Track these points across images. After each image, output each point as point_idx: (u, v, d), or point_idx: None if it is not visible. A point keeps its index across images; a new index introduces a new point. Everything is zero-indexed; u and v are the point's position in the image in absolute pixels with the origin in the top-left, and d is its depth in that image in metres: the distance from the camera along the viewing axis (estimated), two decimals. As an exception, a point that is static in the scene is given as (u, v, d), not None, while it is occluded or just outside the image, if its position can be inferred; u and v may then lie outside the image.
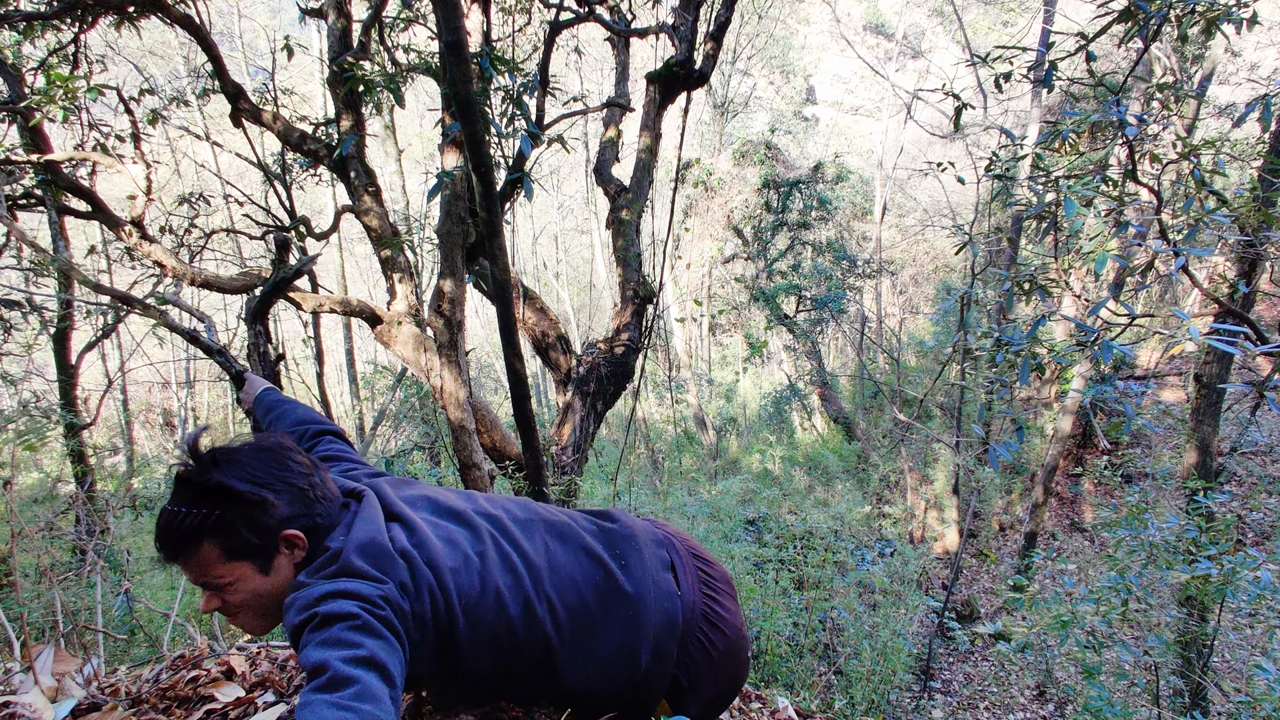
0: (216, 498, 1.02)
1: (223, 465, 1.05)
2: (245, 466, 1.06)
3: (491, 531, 1.20)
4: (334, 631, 0.90)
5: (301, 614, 0.94)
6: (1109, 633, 3.67)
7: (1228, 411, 9.68)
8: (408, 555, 1.06)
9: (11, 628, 1.46)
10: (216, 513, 1.01)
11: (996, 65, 3.17)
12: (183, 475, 1.04)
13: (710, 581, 1.32)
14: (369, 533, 1.07)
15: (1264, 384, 3.75)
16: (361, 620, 0.92)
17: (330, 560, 1.03)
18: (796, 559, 6.51)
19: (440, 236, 4.28)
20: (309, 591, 0.97)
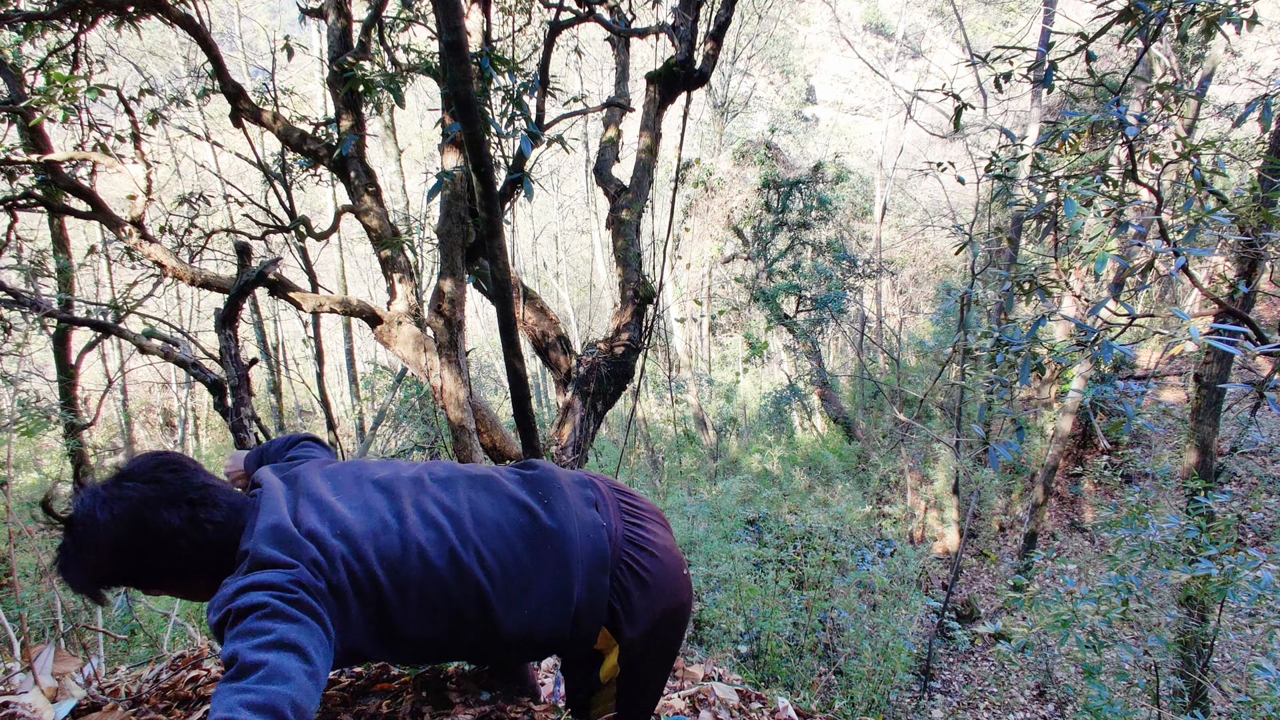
0: (78, 544, 1.03)
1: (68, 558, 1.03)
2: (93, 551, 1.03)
3: (412, 492, 1.20)
4: (245, 623, 0.92)
5: (217, 613, 0.96)
6: (1109, 633, 3.67)
7: (1228, 411, 9.68)
8: (315, 534, 1.07)
9: (11, 628, 1.46)
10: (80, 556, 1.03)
11: (996, 65, 3.17)
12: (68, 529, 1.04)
13: (635, 510, 1.34)
14: (270, 520, 1.07)
15: (1264, 384, 3.75)
16: (271, 607, 0.93)
17: (240, 558, 1.04)
18: (796, 559, 6.51)
19: (440, 236, 4.28)
20: (223, 591, 0.99)
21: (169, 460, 1.13)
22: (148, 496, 1.05)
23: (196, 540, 1.07)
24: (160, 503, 1.06)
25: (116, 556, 1.03)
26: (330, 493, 1.17)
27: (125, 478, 1.07)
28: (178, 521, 1.06)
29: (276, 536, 1.04)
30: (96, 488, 1.05)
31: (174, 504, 1.07)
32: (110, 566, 1.04)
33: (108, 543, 1.02)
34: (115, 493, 1.04)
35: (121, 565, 1.04)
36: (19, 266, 5.84)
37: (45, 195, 4.12)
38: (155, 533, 1.04)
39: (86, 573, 1.03)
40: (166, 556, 1.06)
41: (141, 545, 1.04)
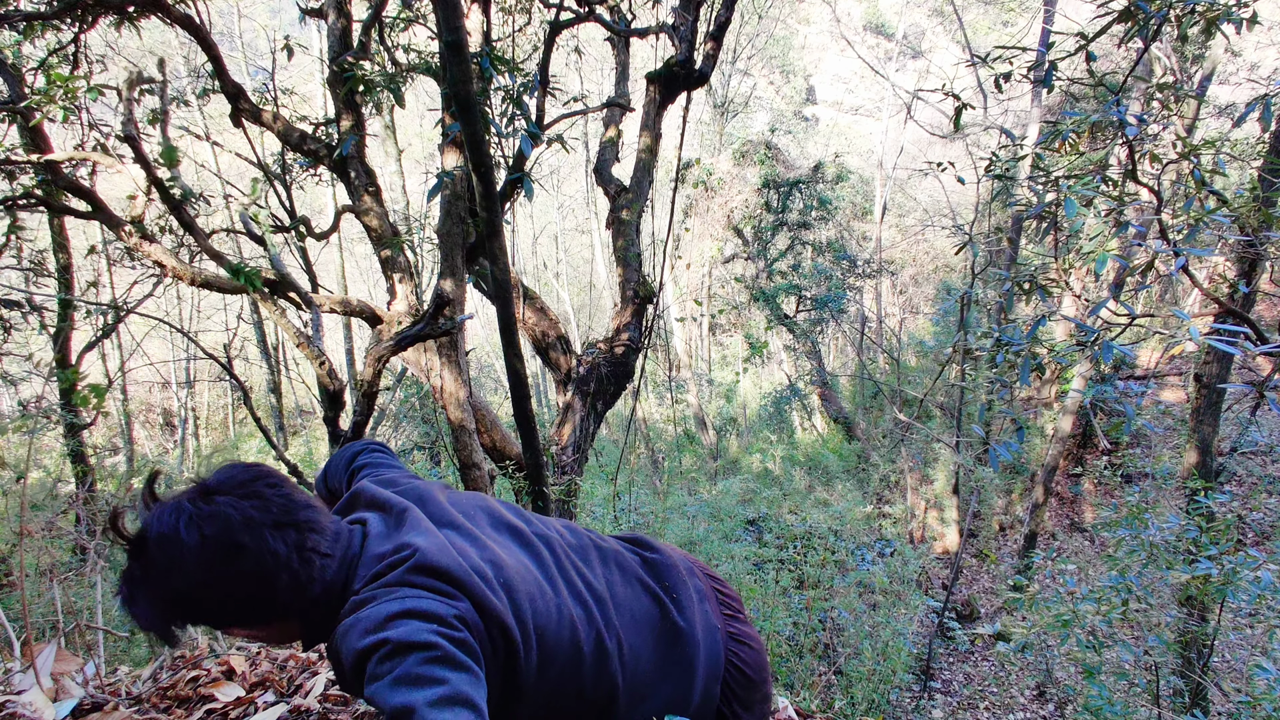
0: (140, 579, 0.85)
1: (137, 588, 0.85)
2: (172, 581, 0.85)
3: (553, 556, 1.06)
4: (410, 666, 0.77)
5: (366, 638, 0.80)
6: (1109, 633, 3.67)
7: (1228, 411, 9.68)
8: (479, 570, 0.91)
9: (12, 628, 1.46)
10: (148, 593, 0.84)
11: (996, 65, 3.17)
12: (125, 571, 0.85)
13: (728, 600, 1.26)
14: (434, 544, 0.92)
15: (1264, 384, 3.75)
16: (440, 650, 0.79)
17: (396, 566, 0.88)
18: (796, 559, 6.51)
19: (440, 236, 4.28)
20: (374, 611, 0.82)
21: (268, 474, 0.93)
22: (249, 517, 0.86)
23: (302, 575, 0.88)
24: (264, 525, 0.86)
25: (201, 589, 0.84)
26: (476, 527, 1.02)
27: (215, 491, 0.88)
28: (283, 550, 0.86)
29: (440, 563, 0.88)
30: (180, 501, 0.86)
31: (280, 528, 0.88)
32: (191, 600, 0.85)
33: (193, 571, 0.83)
34: (205, 509, 0.85)
35: (205, 599, 0.85)
36: (20, 267, 5.84)
37: (45, 195, 4.13)
38: (254, 562, 0.85)
39: (160, 607, 0.84)
40: (263, 591, 0.86)
41: (234, 576, 0.84)
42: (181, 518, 0.84)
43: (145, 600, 0.84)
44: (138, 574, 0.84)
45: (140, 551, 0.84)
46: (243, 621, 0.90)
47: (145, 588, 0.84)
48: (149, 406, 18.23)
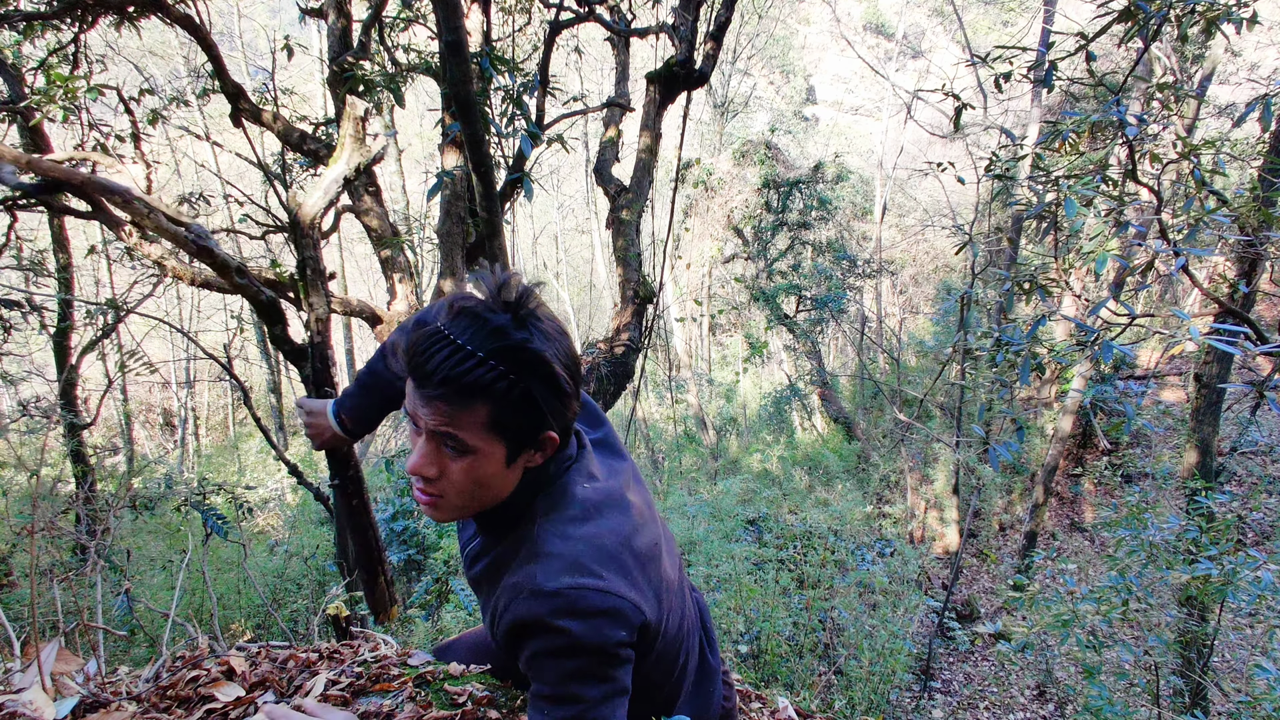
0: (526, 367, 0.83)
1: (535, 334, 0.83)
2: (554, 343, 0.85)
3: (679, 567, 1.08)
4: (586, 665, 0.81)
5: (560, 619, 0.81)
6: (1109, 632, 3.67)
7: (1228, 411, 9.68)
8: (658, 588, 0.93)
9: (11, 628, 1.46)
10: (518, 382, 0.82)
11: (996, 65, 3.17)
12: (493, 321, 0.82)
13: (715, 639, 1.33)
14: (639, 544, 0.91)
15: (1264, 384, 3.75)
16: (618, 684, 0.84)
17: (609, 539, 0.87)
18: (796, 559, 6.51)
19: (440, 236, 4.28)
20: (576, 590, 0.82)
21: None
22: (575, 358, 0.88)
23: (564, 425, 0.89)
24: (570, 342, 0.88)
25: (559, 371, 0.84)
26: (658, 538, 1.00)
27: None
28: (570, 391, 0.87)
29: (638, 569, 0.89)
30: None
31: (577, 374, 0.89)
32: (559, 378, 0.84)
33: (553, 358, 0.84)
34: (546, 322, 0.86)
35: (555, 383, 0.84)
36: (20, 267, 5.85)
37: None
38: (576, 364, 0.88)
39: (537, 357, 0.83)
40: (541, 422, 0.86)
41: (560, 387, 0.85)
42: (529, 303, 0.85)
43: (517, 359, 0.83)
44: (532, 330, 0.84)
45: (514, 311, 0.84)
46: (558, 415, 0.87)
47: (543, 351, 0.83)
48: (149, 406, 18.24)
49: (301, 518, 9.91)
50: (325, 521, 8.62)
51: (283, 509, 10.63)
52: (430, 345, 0.82)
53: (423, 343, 0.82)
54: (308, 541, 8.00)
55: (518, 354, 0.82)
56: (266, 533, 9.57)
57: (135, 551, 6.25)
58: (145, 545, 6.74)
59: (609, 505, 0.93)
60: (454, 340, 0.81)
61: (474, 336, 0.81)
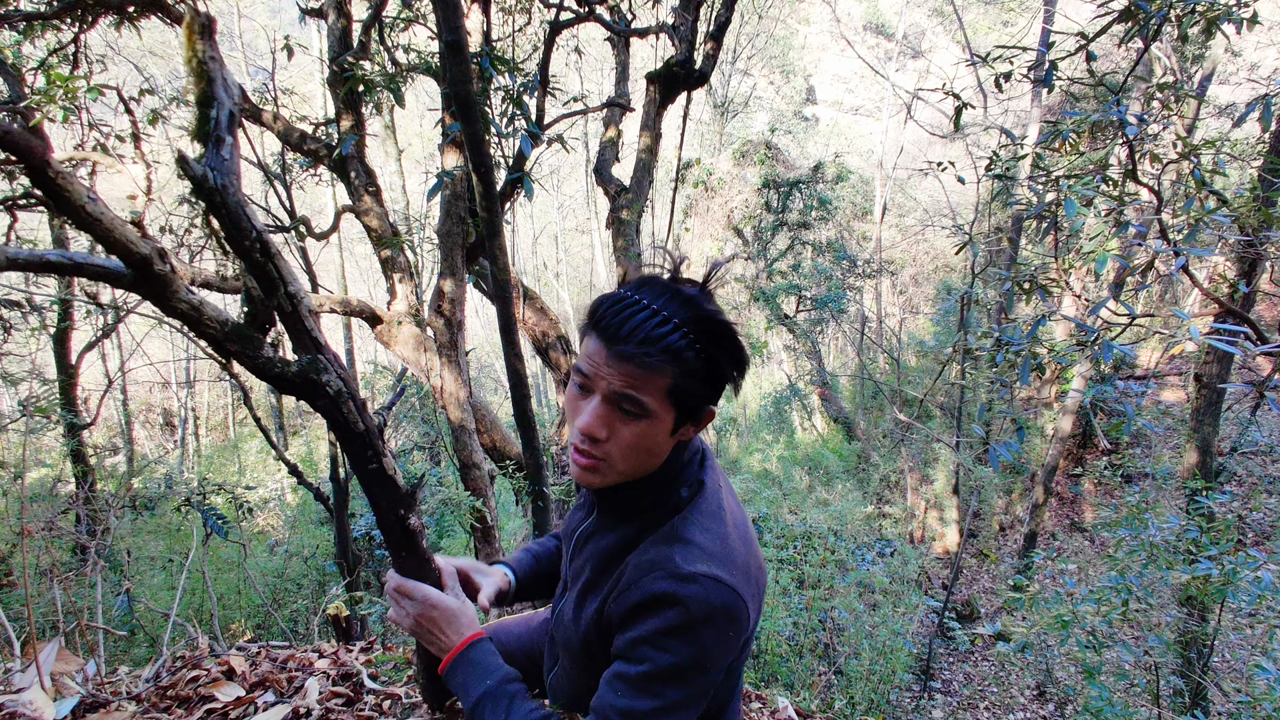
0: (715, 337, 0.86)
1: (720, 309, 0.89)
2: (728, 322, 0.89)
3: None
4: (682, 665, 0.82)
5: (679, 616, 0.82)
6: (1109, 633, 3.67)
7: (1228, 411, 9.68)
8: (759, 611, 0.95)
9: (11, 627, 1.46)
10: (704, 352, 0.86)
11: (996, 65, 3.17)
12: (685, 291, 0.87)
13: None
14: (755, 563, 0.93)
15: (1264, 384, 3.75)
16: (691, 694, 0.85)
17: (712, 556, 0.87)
18: (796, 559, 6.51)
19: (440, 236, 4.28)
20: (714, 590, 0.83)
21: None
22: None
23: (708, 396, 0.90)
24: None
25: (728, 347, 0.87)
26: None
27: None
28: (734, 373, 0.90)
29: (756, 594, 0.91)
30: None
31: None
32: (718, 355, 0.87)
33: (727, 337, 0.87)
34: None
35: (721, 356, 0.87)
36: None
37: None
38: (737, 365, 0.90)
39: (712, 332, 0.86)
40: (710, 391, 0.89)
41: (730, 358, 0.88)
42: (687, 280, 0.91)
43: (724, 340, 0.87)
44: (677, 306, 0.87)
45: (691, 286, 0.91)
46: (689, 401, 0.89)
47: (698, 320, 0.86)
48: (149, 406, 18.23)
49: (301, 518, 9.91)
50: (325, 521, 8.62)
51: (283, 509, 10.63)
52: (627, 308, 0.85)
53: (618, 305, 0.86)
54: (308, 541, 8.00)
55: (710, 324, 0.86)
56: (266, 533, 9.57)
57: (135, 551, 6.25)
58: (145, 545, 6.74)
59: (740, 519, 0.96)
60: (650, 305, 0.85)
61: (668, 303, 0.85)
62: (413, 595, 1.03)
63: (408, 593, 1.04)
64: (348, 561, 6.34)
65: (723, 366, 0.88)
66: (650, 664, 0.83)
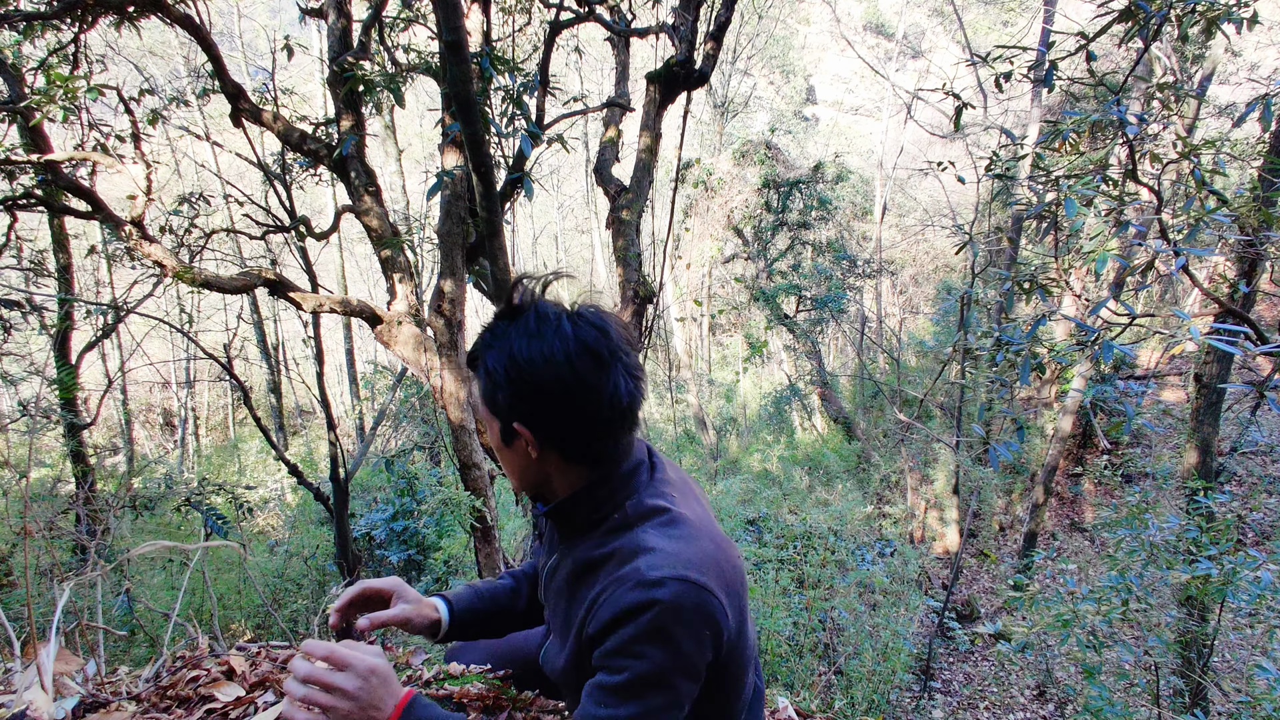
0: (485, 339, 0.93)
1: (521, 325, 0.91)
2: (534, 339, 0.89)
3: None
4: (664, 671, 0.83)
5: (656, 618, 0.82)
6: (1109, 632, 3.67)
7: (1228, 411, 9.68)
8: (740, 609, 0.95)
9: (11, 628, 1.46)
10: (479, 351, 0.93)
11: (996, 65, 3.17)
12: (500, 311, 0.94)
13: None
14: (727, 562, 0.93)
15: (1264, 384, 3.75)
16: (674, 698, 0.85)
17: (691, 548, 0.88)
18: (796, 559, 6.51)
19: (440, 236, 4.28)
20: (684, 591, 0.83)
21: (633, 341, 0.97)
22: (618, 350, 0.90)
23: (618, 428, 0.92)
24: (623, 365, 0.91)
25: (545, 368, 0.87)
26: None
27: (597, 319, 0.92)
28: (624, 393, 0.90)
29: (731, 591, 0.91)
30: (569, 308, 0.94)
31: (633, 378, 0.92)
32: (529, 375, 0.88)
33: (548, 353, 0.87)
34: (592, 321, 0.91)
35: (542, 382, 0.88)
36: (20, 267, 5.84)
37: (45, 195, 4.13)
38: (600, 380, 0.88)
39: (503, 366, 0.89)
40: (584, 410, 0.89)
41: (575, 380, 0.88)
42: (567, 313, 0.91)
43: (495, 356, 0.91)
44: (501, 331, 0.92)
45: (517, 315, 0.92)
46: (544, 429, 0.92)
47: (500, 344, 0.90)
48: (149, 406, 18.23)
49: (301, 518, 9.91)
50: (325, 521, 8.62)
51: (283, 509, 10.63)
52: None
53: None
54: (308, 541, 8.00)
55: (480, 338, 0.95)
56: (266, 533, 9.57)
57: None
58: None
59: (703, 519, 0.97)
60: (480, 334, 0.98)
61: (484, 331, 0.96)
62: (349, 664, 0.88)
63: (341, 662, 0.88)
64: (348, 561, 6.34)
65: (506, 383, 0.90)
66: (629, 672, 0.83)
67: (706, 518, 0.98)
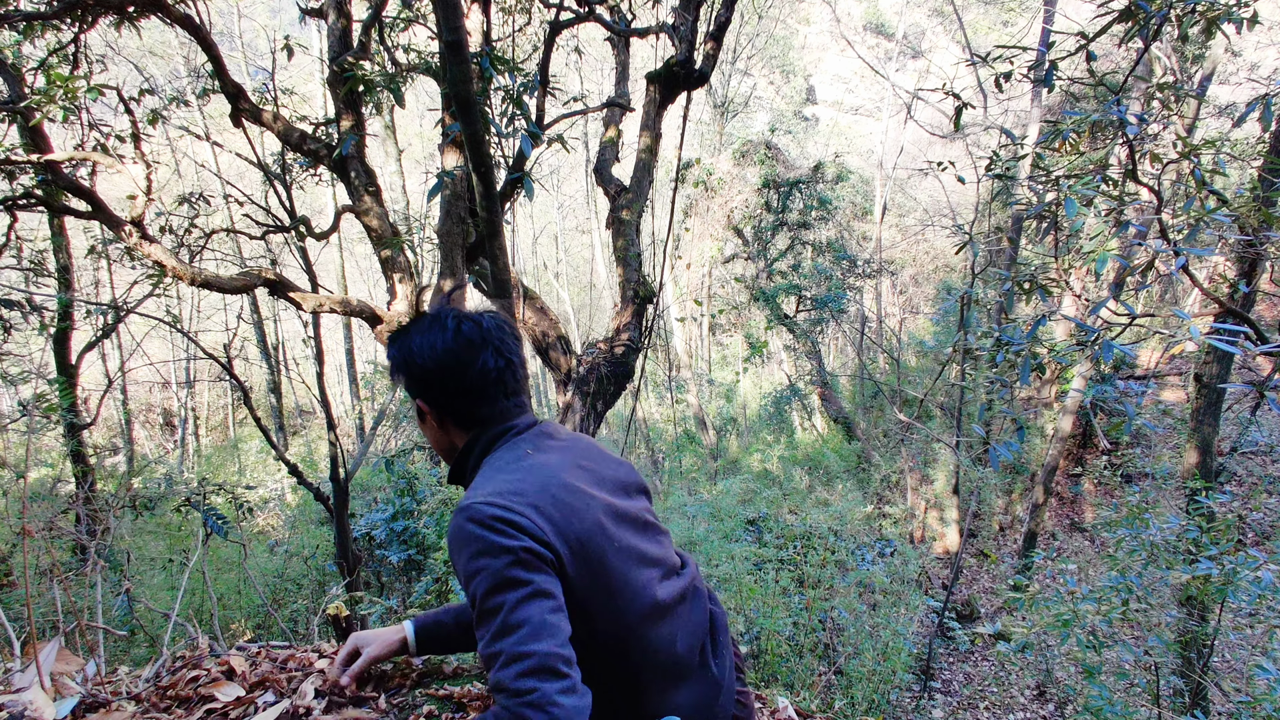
0: (392, 345, 1.20)
1: (416, 327, 1.18)
2: (428, 332, 1.16)
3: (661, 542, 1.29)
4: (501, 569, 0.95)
5: (470, 527, 0.97)
6: (1109, 632, 3.67)
7: (1228, 411, 9.68)
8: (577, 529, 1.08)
9: (11, 628, 1.46)
10: (394, 354, 1.18)
11: (997, 65, 3.17)
12: (409, 321, 1.24)
13: (738, 664, 1.34)
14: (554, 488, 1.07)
15: (1264, 384, 3.75)
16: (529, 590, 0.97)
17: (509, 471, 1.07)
18: (796, 559, 6.51)
19: (440, 236, 4.28)
20: (478, 510, 0.98)
21: (515, 332, 1.24)
22: (489, 336, 1.17)
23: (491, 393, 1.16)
24: (494, 348, 1.17)
25: (430, 357, 1.14)
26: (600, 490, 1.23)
27: (480, 318, 1.19)
28: (492, 370, 1.16)
29: (549, 508, 1.07)
30: (455, 309, 1.21)
31: (502, 358, 1.18)
32: (420, 359, 1.15)
33: (437, 342, 1.14)
34: (472, 318, 1.18)
35: (430, 367, 1.15)
36: (20, 267, 5.84)
37: (45, 195, 4.13)
38: (471, 357, 1.14)
39: (404, 353, 1.16)
40: (462, 384, 1.15)
41: (454, 362, 1.14)
42: (457, 314, 1.19)
43: (394, 350, 1.19)
44: (403, 331, 1.20)
45: (420, 319, 1.20)
46: (436, 402, 1.17)
47: (401, 341, 1.18)
48: (149, 406, 18.23)
49: (301, 518, 9.91)
50: (325, 521, 8.62)
51: (283, 509, 10.63)
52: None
53: None
54: (308, 541, 8.00)
55: (392, 338, 1.21)
56: (266, 533, 9.57)
57: (135, 551, 6.25)
58: (145, 545, 6.74)
59: (546, 463, 1.11)
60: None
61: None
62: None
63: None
64: (348, 561, 6.33)
65: (404, 369, 1.17)
66: (479, 591, 0.94)
67: (554, 462, 1.12)
